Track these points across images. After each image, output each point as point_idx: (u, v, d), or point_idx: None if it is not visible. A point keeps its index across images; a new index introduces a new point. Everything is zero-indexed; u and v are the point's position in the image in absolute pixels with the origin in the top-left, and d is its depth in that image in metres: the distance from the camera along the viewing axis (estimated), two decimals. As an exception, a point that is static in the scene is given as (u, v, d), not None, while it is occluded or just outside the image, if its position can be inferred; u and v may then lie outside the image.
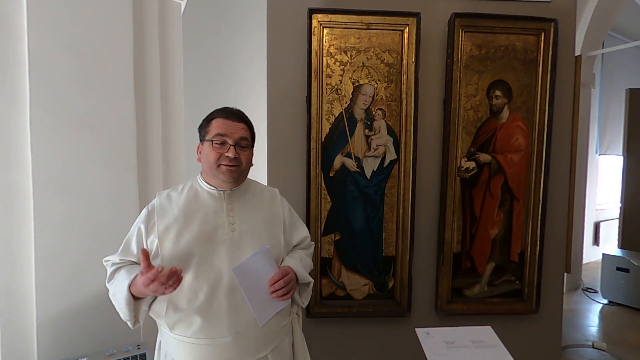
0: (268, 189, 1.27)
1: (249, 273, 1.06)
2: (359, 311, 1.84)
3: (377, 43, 1.75)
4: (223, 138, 1.08)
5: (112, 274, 1.10)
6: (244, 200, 1.17)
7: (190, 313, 1.05)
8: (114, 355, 1.55)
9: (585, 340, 2.97)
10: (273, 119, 1.79)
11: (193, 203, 1.12)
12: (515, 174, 1.86)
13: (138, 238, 1.10)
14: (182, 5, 1.95)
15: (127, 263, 1.12)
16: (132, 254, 1.11)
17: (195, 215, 1.10)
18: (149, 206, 1.14)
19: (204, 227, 1.09)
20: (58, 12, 1.51)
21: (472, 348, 1.23)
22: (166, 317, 1.06)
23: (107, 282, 1.11)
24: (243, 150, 1.12)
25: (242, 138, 1.11)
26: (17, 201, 1.50)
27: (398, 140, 1.79)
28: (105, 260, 1.15)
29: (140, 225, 1.10)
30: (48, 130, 1.51)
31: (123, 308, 1.05)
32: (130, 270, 1.07)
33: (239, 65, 2.84)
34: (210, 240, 1.08)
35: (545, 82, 1.81)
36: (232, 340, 1.06)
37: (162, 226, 1.08)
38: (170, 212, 1.10)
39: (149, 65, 1.78)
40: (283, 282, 1.09)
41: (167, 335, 1.10)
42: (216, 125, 1.10)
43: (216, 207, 1.12)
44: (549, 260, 1.92)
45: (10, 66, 1.47)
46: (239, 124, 1.12)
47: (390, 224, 1.83)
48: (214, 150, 1.09)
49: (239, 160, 1.10)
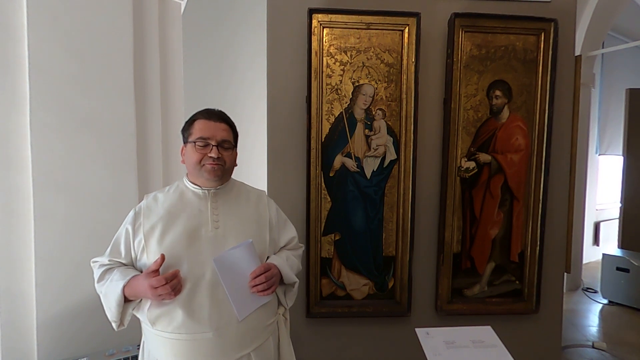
0: (255, 191, 1.28)
1: (230, 265, 1.07)
2: (359, 311, 1.84)
3: (377, 43, 1.75)
4: (206, 140, 1.10)
5: (103, 274, 1.12)
6: (228, 198, 1.18)
7: (172, 308, 1.05)
8: (114, 355, 1.55)
9: (585, 340, 2.97)
10: (273, 119, 1.79)
11: (178, 203, 1.14)
12: (515, 174, 1.86)
13: (126, 239, 1.12)
14: (182, 5, 1.95)
15: (116, 264, 1.13)
16: (120, 256, 1.13)
17: (179, 214, 1.12)
18: (136, 208, 1.16)
19: (187, 224, 1.10)
20: (58, 12, 1.52)
21: (472, 348, 1.23)
22: (148, 312, 1.07)
23: (97, 282, 1.12)
24: (226, 151, 1.14)
25: (225, 140, 1.13)
26: (17, 201, 1.50)
27: (398, 140, 1.79)
28: (93, 261, 1.17)
29: (128, 226, 1.12)
30: (48, 130, 1.51)
31: (113, 308, 1.07)
32: (124, 272, 1.08)
33: (239, 65, 2.84)
34: (194, 237, 1.10)
35: (545, 82, 1.81)
36: (213, 335, 1.06)
37: (147, 226, 1.10)
38: (155, 212, 1.12)
39: (149, 65, 1.78)
40: (264, 277, 1.09)
41: (149, 332, 1.11)
42: (198, 128, 1.12)
43: (200, 206, 1.14)
44: (549, 260, 1.92)
45: (10, 66, 1.47)
46: (220, 125, 1.14)
47: (390, 224, 1.83)
48: (197, 151, 1.11)
49: (222, 160, 1.12)
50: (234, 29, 2.90)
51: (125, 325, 1.12)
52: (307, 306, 1.79)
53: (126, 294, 1.05)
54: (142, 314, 1.10)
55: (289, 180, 1.80)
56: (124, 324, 1.12)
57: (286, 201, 1.80)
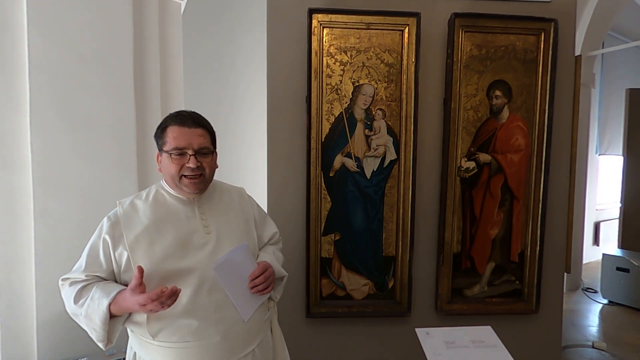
0: (234, 188, 1.26)
1: (230, 269, 1.07)
2: (359, 311, 1.84)
3: (377, 43, 1.75)
4: (182, 150, 1.02)
5: (80, 292, 1.01)
6: (213, 201, 1.16)
7: (175, 319, 1.02)
8: (114, 356, 1.55)
9: (585, 340, 2.97)
10: (273, 119, 1.79)
11: (161, 210, 1.08)
12: (515, 174, 1.86)
13: (104, 250, 1.03)
14: (182, 5, 1.95)
15: (94, 279, 1.04)
16: (101, 268, 1.04)
17: (166, 223, 1.06)
18: (110, 216, 1.06)
19: (178, 233, 1.06)
20: (58, 12, 1.52)
21: (472, 348, 1.23)
22: (148, 327, 1.03)
23: (73, 302, 1.01)
24: (205, 157, 1.06)
25: (202, 147, 1.05)
26: (17, 201, 1.50)
27: (398, 140, 1.79)
28: (62, 279, 1.06)
29: (105, 236, 1.03)
30: (48, 130, 1.51)
31: (98, 329, 0.99)
32: (105, 289, 1.00)
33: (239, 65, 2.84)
34: (187, 246, 1.06)
35: (545, 82, 1.81)
36: (221, 339, 1.06)
37: (131, 237, 1.02)
38: (138, 221, 1.05)
39: (149, 65, 1.78)
40: (263, 278, 1.10)
41: (148, 343, 1.06)
42: (172, 136, 1.03)
43: (187, 212, 1.10)
44: (549, 260, 1.92)
45: (10, 66, 1.47)
46: (196, 130, 1.05)
47: (390, 224, 1.83)
48: (174, 162, 1.03)
49: (202, 168, 1.05)
50: (234, 29, 2.89)
51: (114, 343, 1.05)
52: (307, 306, 1.79)
53: (112, 311, 0.97)
54: (140, 327, 1.04)
55: (289, 180, 1.80)
56: (112, 342, 1.04)
57: (286, 201, 1.81)
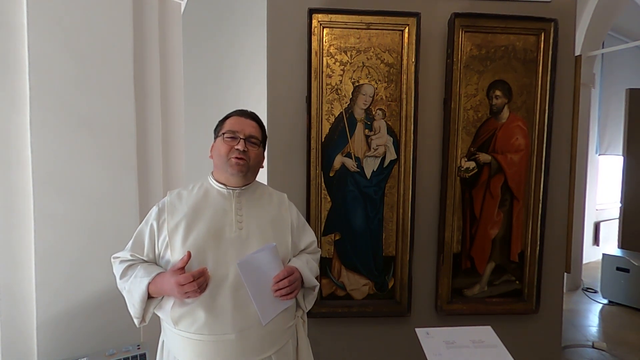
0: (277, 193, 1.29)
1: (254, 268, 1.07)
2: (359, 311, 1.84)
3: (377, 43, 1.75)
4: (234, 133, 1.13)
5: (126, 270, 1.11)
6: (252, 199, 1.19)
7: (195, 308, 1.05)
8: (114, 355, 1.55)
9: (585, 340, 2.97)
10: (273, 119, 1.79)
11: (202, 201, 1.14)
12: (515, 174, 1.86)
13: (150, 235, 1.12)
14: (182, 5, 1.95)
15: (138, 260, 1.13)
16: (143, 252, 1.12)
17: (203, 213, 1.12)
18: (159, 204, 1.15)
19: (211, 224, 1.10)
20: (58, 12, 1.51)
21: (472, 348, 1.23)
22: (172, 312, 1.07)
23: (120, 278, 1.11)
24: (252, 146, 1.15)
25: (252, 135, 1.15)
26: (17, 201, 1.49)
27: (398, 140, 1.79)
28: (114, 257, 1.16)
29: (152, 222, 1.12)
30: (48, 130, 1.51)
31: (136, 305, 1.07)
32: (148, 269, 1.08)
33: (239, 65, 2.84)
34: (218, 238, 1.09)
35: (545, 82, 1.81)
36: (236, 337, 1.06)
37: (172, 223, 1.10)
38: (180, 209, 1.12)
39: (149, 65, 1.78)
40: (287, 282, 1.09)
41: (171, 331, 1.10)
42: (230, 123, 1.16)
43: (225, 206, 1.14)
44: (549, 260, 1.92)
45: (10, 66, 1.47)
46: (250, 122, 1.18)
47: (390, 224, 1.83)
48: (225, 143, 1.13)
49: (248, 155, 1.13)
50: (234, 29, 2.90)
51: (147, 322, 1.12)
52: (307, 306, 1.79)
53: (150, 291, 1.05)
54: (165, 313, 1.09)
55: (289, 180, 1.80)
56: (146, 321, 1.11)
57: (286, 201, 1.80)
